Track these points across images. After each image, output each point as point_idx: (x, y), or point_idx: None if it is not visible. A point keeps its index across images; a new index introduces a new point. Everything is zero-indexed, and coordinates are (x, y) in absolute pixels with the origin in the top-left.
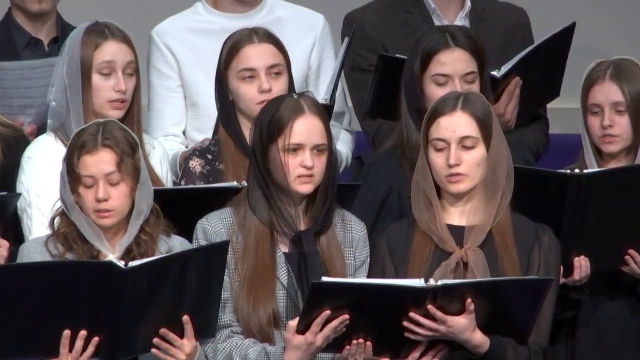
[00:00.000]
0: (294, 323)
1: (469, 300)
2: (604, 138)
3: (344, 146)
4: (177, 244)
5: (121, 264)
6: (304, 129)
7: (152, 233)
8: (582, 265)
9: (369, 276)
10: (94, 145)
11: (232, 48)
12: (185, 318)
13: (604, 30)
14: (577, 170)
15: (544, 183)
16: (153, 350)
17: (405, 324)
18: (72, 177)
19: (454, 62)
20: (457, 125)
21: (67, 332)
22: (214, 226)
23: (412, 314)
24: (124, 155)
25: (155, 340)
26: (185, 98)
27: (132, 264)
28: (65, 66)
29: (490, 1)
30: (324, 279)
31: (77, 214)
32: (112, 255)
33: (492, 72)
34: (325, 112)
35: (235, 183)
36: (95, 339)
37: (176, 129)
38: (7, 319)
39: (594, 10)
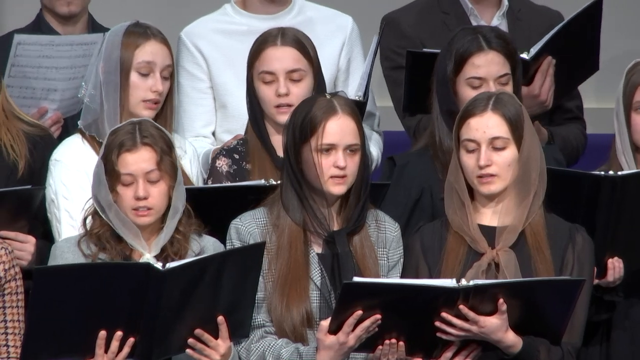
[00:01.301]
0: (326, 323)
1: (501, 300)
2: None
3: (374, 147)
4: (209, 244)
5: (159, 265)
6: (337, 129)
7: (185, 232)
8: (615, 267)
9: (402, 276)
10: (133, 143)
11: (256, 48)
12: (220, 319)
13: (634, 31)
14: (610, 172)
15: (578, 184)
16: (188, 350)
17: (437, 324)
18: (110, 175)
19: (488, 65)
20: (487, 126)
21: (103, 333)
22: (248, 227)
23: (444, 314)
24: (163, 154)
25: (190, 340)
26: (214, 99)
27: (169, 265)
28: (103, 63)
29: (526, 3)
30: (355, 278)
31: (115, 212)
32: (148, 254)
33: (521, 55)
34: (358, 110)
35: (262, 181)
36: (131, 340)
37: (206, 130)
38: (44, 319)
39: (622, 13)
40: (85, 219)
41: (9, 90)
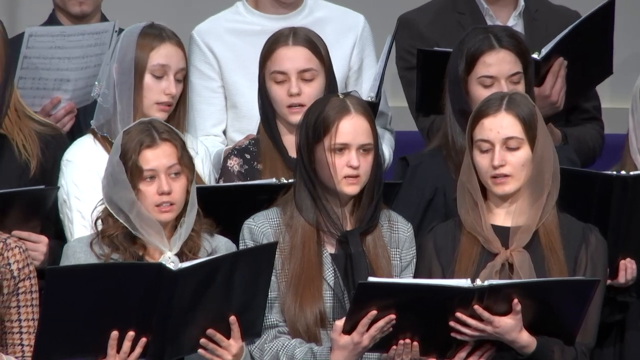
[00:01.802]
0: (340, 323)
1: (515, 300)
2: None
3: (386, 146)
4: (221, 244)
5: (171, 265)
6: (350, 128)
7: (198, 230)
8: (628, 268)
9: (415, 276)
10: (152, 140)
11: (268, 48)
12: (232, 319)
13: None
14: (623, 172)
15: (590, 184)
16: (200, 350)
17: (452, 324)
18: (131, 174)
19: (499, 64)
20: (501, 126)
21: (115, 333)
22: (261, 226)
23: (458, 314)
24: (183, 149)
25: (202, 340)
26: (225, 98)
27: (181, 265)
28: (117, 63)
29: (544, 3)
30: (370, 279)
31: (137, 211)
32: (169, 252)
33: (532, 55)
34: (371, 110)
35: (274, 180)
36: (143, 340)
37: (216, 129)
38: (57, 319)
39: (637, 12)
40: (95, 222)
41: (22, 82)
